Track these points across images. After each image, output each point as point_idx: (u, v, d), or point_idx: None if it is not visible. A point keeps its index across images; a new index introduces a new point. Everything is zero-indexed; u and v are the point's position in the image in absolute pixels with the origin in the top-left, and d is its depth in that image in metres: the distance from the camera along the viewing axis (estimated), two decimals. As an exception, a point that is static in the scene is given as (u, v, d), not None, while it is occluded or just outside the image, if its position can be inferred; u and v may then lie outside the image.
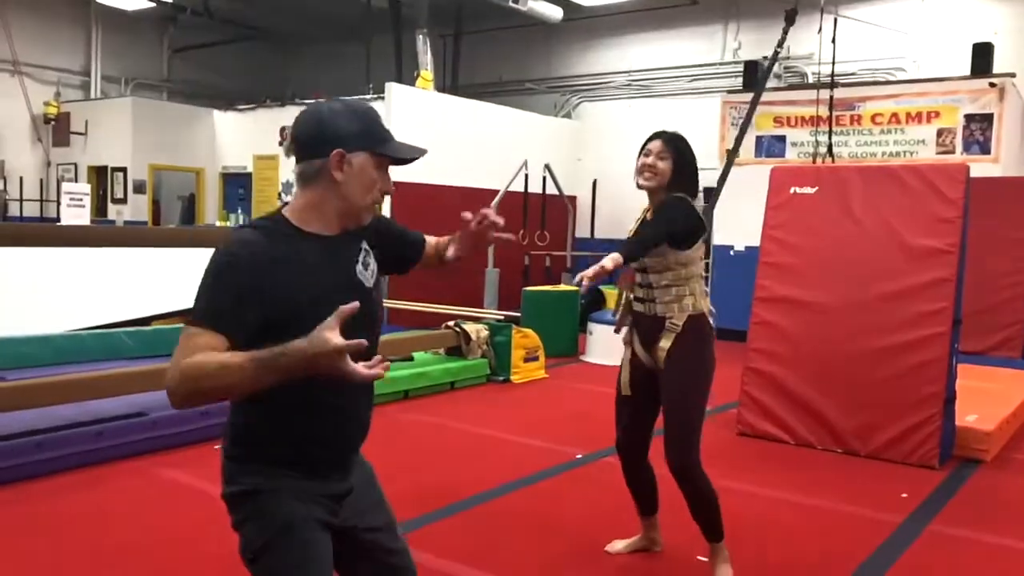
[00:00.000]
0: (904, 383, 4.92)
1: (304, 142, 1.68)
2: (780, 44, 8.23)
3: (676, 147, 3.02)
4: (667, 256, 2.91)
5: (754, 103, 8.51)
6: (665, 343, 2.92)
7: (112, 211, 12.78)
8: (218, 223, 12.95)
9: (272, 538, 1.67)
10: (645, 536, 3.44)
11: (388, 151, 1.70)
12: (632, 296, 3.04)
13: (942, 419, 4.82)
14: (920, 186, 5.08)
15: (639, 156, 3.06)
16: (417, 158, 1.74)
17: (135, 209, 12.69)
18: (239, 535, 1.73)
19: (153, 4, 12.70)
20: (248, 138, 13.10)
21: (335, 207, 1.67)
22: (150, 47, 14.56)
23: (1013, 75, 8.65)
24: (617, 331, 3.16)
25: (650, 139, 3.08)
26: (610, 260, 2.58)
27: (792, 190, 5.47)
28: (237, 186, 13.42)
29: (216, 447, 2.03)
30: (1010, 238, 7.87)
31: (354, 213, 1.70)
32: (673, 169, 2.98)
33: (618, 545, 3.48)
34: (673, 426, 2.95)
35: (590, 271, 2.52)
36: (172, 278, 8.55)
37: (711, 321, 2.99)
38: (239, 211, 12.86)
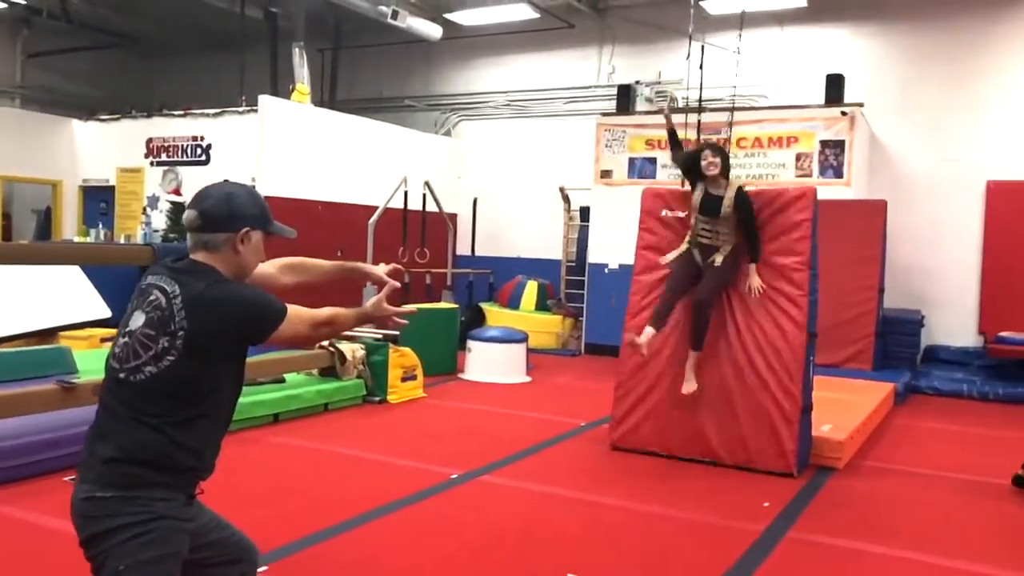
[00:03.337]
0: (765, 394, 5.15)
1: (215, 217, 2.06)
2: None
3: (719, 150, 5.37)
4: (732, 219, 5.26)
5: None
6: (717, 258, 5.31)
7: (-44, 225, 11.85)
8: (77, 238, 12.21)
9: (155, 559, 1.91)
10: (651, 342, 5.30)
11: (276, 231, 2.17)
12: (699, 234, 5.40)
13: (799, 429, 5.06)
14: (771, 209, 5.38)
15: (702, 161, 5.32)
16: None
17: (-18, 223, 11.80)
18: (109, 543, 1.89)
19: (4, 5, 11.90)
20: (111, 150, 12.43)
21: (230, 271, 2.08)
22: (1, 51, 13.62)
23: (862, 104, 9.27)
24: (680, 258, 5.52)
25: (701, 149, 5.44)
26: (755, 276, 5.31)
27: (664, 212, 5.75)
28: (98, 200, 12.70)
29: (67, 479, 1.97)
30: (860, 256, 8.37)
31: (242, 277, 2.13)
32: (722, 161, 5.30)
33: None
34: (707, 289, 5.31)
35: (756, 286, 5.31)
36: (23, 297, 7.98)
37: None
38: (100, 226, 12.14)
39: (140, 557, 1.89)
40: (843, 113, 9.09)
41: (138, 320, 2.00)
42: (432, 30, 11.49)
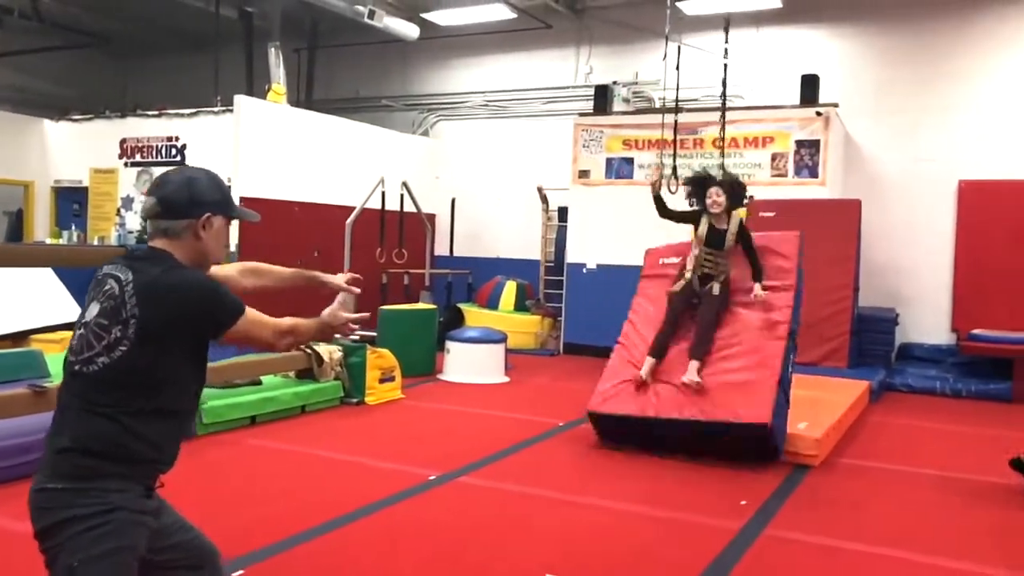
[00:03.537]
0: (745, 364, 5.45)
1: (175, 203, 2.03)
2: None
3: (727, 187, 5.74)
4: (731, 250, 5.74)
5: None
6: (715, 287, 5.71)
7: (-76, 227, 11.65)
8: (49, 240, 12.05)
9: (110, 551, 1.85)
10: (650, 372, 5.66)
11: (238, 215, 2.18)
12: (702, 264, 5.77)
13: (775, 395, 5.18)
14: (765, 249, 5.93)
15: (707, 199, 5.74)
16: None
17: (-48, 225, 11.61)
18: (63, 535, 1.84)
19: (-27, 4, 11.73)
20: (84, 150, 12.27)
21: (192, 258, 2.06)
22: (-30, 50, 13.41)
23: (836, 105, 9.36)
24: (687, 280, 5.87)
25: (710, 184, 5.76)
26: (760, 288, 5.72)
27: (660, 261, 6.31)
28: (71, 201, 12.54)
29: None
30: (834, 256, 8.42)
31: (206, 264, 2.13)
32: (728, 198, 5.72)
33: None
34: (707, 322, 5.63)
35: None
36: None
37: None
38: (73, 227, 11.99)
39: (93, 551, 1.84)
40: (818, 113, 9.16)
41: (93, 311, 1.97)
42: (409, 30, 11.45)
